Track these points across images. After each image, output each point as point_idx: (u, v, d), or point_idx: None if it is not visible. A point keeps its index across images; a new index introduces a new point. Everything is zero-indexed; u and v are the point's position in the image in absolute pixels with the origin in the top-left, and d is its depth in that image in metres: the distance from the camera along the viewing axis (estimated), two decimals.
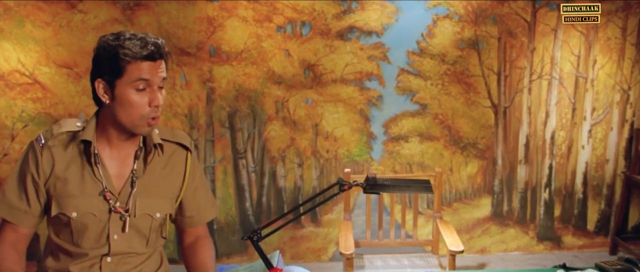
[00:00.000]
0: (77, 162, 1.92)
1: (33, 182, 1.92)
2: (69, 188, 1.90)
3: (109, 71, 1.80)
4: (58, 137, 1.92)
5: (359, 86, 4.45)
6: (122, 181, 1.97)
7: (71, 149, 1.92)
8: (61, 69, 4.22)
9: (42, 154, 1.90)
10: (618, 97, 4.62)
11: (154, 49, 1.81)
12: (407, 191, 2.18)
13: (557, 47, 4.48)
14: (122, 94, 1.81)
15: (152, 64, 1.81)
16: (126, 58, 1.77)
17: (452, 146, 4.61)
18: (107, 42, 1.81)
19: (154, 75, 1.82)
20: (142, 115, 1.84)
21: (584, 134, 4.67)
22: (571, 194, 4.80)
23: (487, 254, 4.81)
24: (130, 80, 1.79)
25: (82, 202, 1.91)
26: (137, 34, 1.83)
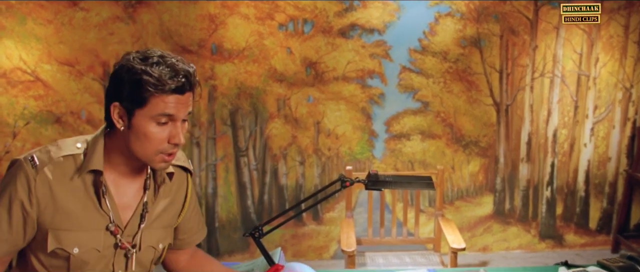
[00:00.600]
0: (81, 193, 1.67)
1: (22, 210, 1.63)
2: (70, 222, 1.67)
3: (129, 98, 1.57)
4: (57, 162, 1.65)
5: (360, 84, 4.44)
6: (129, 212, 1.76)
7: (73, 177, 1.66)
8: (63, 66, 4.22)
9: (36, 180, 1.62)
10: (620, 95, 4.61)
11: (185, 81, 1.57)
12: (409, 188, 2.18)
13: (560, 45, 4.48)
14: (140, 125, 1.59)
15: (179, 97, 1.58)
16: (151, 89, 1.54)
17: (454, 144, 4.60)
18: (132, 64, 1.57)
19: (180, 110, 1.59)
20: (158, 150, 1.62)
21: (586, 132, 4.66)
22: (573, 192, 4.79)
23: (489, 252, 4.80)
24: (152, 114, 1.57)
25: (86, 237, 1.69)
26: (167, 58, 1.59)
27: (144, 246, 1.81)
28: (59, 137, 4.29)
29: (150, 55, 1.58)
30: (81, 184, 1.67)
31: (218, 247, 4.61)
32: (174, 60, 1.59)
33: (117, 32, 4.20)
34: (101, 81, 4.27)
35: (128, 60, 1.58)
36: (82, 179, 1.67)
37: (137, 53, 1.60)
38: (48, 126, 4.29)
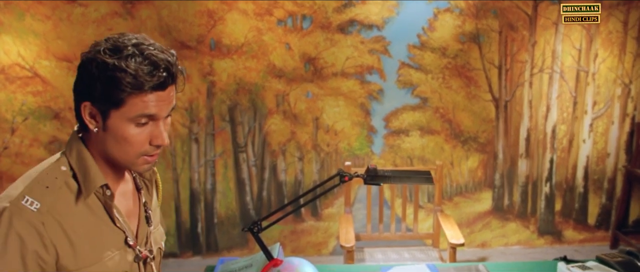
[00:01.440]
0: (91, 217, 1.45)
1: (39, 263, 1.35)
2: (94, 254, 1.44)
3: (102, 99, 1.35)
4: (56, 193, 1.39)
5: (359, 80, 4.44)
6: (135, 220, 1.60)
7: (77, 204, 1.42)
8: (61, 62, 4.22)
9: (44, 222, 1.35)
10: (619, 91, 4.61)
11: (166, 74, 1.36)
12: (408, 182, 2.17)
13: (559, 40, 4.47)
14: (117, 127, 1.38)
15: (160, 94, 1.37)
16: (127, 89, 1.32)
17: (453, 140, 4.60)
18: (102, 58, 1.33)
19: (161, 108, 1.39)
20: (139, 153, 1.42)
21: (585, 128, 4.66)
22: (572, 188, 4.79)
23: (487, 248, 4.80)
24: (130, 115, 1.36)
25: (112, 263, 1.48)
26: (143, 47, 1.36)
27: (156, 248, 1.67)
28: (58, 133, 4.29)
29: (123, 46, 1.35)
30: (86, 208, 1.44)
31: (217, 243, 4.61)
32: (151, 50, 1.36)
33: (115, 28, 4.19)
34: None
35: (97, 52, 1.34)
36: (86, 203, 1.44)
37: (107, 42, 1.37)
38: (46, 122, 4.29)
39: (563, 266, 2.50)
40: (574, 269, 2.46)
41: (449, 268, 2.58)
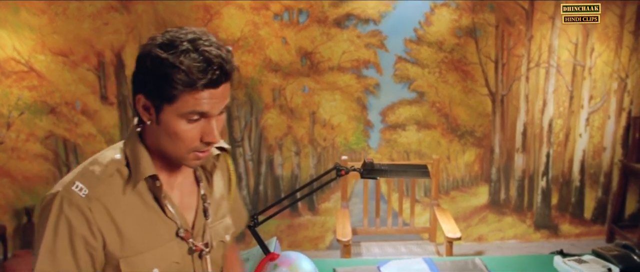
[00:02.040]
0: (142, 206, 1.45)
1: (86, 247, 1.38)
2: (141, 243, 1.44)
3: (155, 93, 1.34)
4: (105, 182, 1.40)
5: (356, 74, 4.43)
6: (192, 212, 1.57)
7: (126, 193, 1.42)
8: (57, 57, 4.20)
9: (91, 209, 1.37)
10: (615, 85, 4.61)
11: (220, 72, 1.32)
12: (405, 176, 2.17)
13: (555, 35, 4.47)
14: (169, 122, 1.36)
15: (213, 92, 1.33)
16: (179, 86, 1.30)
17: (450, 134, 4.60)
18: (157, 53, 1.31)
19: (214, 105, 1.35)
20: (190, 149, 1.40)
21: (582, 122, 4.66)
22: (568, 182, 4.80)
23: (484, 242, 4.81)
24: (182, 111, 1.34)
25: (161, 254, 1.48)
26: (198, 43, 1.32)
27: (216, 242, 1.62)
28: (54, 127, 4.29)
29: (179, 41, 1.32)
30: (137, 197, 1.45)
31: None
32: (206, 46, 1.32)
33: (111, 22, 4.18)
34: (96, 71, 4.25)
35: (152, 47, 1.33)
36: (137, 192, 1.44)
37: (164, 36, 1.35)
38: (42, 117, 4.28)
39: (559, 259, 2.51)
40: (570, 262, 2.46)
41: (445, 262, 2.58)
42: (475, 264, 2.53)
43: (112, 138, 4.37)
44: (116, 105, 4.34)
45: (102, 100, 4.32)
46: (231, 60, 1.36)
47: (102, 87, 4.30)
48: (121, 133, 4.37)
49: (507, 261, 2.62)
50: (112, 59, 4.25)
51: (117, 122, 4.36)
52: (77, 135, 4.35)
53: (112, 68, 4.27)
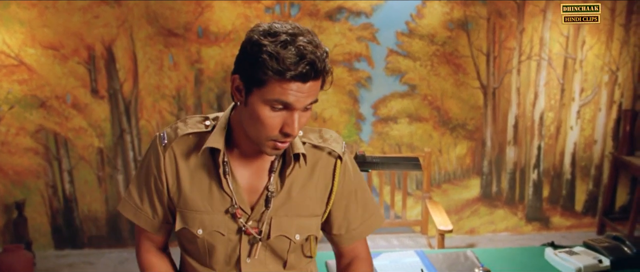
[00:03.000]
0: (204, 172, 1.63)
1: (156, 186, 1.66)
2: (194, 202, 1.63)
3: (248, 76, 1.44)
4: (183, 139, 1.62)
5: (347, 67, 4.43)
6: (256, 195, 1.65)
7: (198, 155, 1.62)
8: (47, 50, 4.18)
9: (165, 156, 1.62)
10: (606, 78, 4.63)
11: (309, 68, 1.39)
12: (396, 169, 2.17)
13: (546, 27, 4.48)
14: (255, 105, 1.46)
15: (301, 85, 1.41)
16: (270, 73, 1.39)
17: (441, 127, 4.60)
18: (258, 39, 1.41)
19: (299, 99, 1.43)
20: (269, 136, 1.49)
21: (573, 115, 4.68)
22: (559, 175, 4.82)
23: (475, 235, 4.82)
24: (268, 97, 1.43)
25: (209, 219, 1.63)
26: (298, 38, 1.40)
27: (275, 235, 1.67)
28: (44, 121, 4.27)
29: (281, 32, 1.41)
30: (204, 162, 1.63)
31: None
32: (304, 42, 1.40)
33: (102, 15, 4.16)
34: (86, 65, 4.23)
35: (256, 32, 1.43)
36: (205, 158, 1.63)
37: (268, 26, 1.44)
38: (33, 111, 4.25)
39: (550, 251, 2.52)
40: (561, 254, 2.47)
41: (437, 255, 2.58)
42: (467, 257, 2.54)
43: (103, 132, 4.35)
44: (107, 99, 4.32)
45: (92, 94, 4.30)
46: (325, 61, 1.44)
47: (92, 80, 4.28)
48: (112, 127, 4.36)
49: (498, 253, 2.63)
50: (103, 52, 4.23)
51: (108, 116, 4.34)
52: (68, 129, 4.33)
53: (103, 61, 4.25)
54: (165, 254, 1.81)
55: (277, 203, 1.66)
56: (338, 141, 1.74)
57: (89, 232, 4.56)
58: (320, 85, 1.49)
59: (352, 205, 1.78)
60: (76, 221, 4.52)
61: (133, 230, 4.53)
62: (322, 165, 1.71)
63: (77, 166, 4.41)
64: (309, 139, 1.69)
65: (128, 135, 4.40)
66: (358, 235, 1.82)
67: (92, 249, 4.59)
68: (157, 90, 4.33)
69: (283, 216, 1.67)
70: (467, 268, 2.43)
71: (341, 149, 1.73)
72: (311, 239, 1.75)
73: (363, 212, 1.81)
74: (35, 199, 4.43)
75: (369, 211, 1.83)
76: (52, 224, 4.50)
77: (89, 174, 4.44)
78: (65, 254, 4.52)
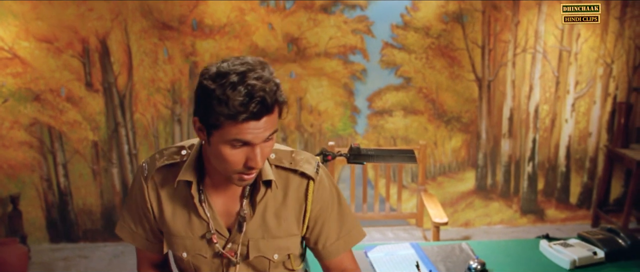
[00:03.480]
0: (182, 200, 1.71)
1: (144, 213, 1.76)
2: (176, 228, 1.72)
3: (205, 119, 1.48)
4: (160, 170, 1.71)
5: (343, 60, 4.42)
6: (232, 219, 1.72)
7: (175, 186, 1.69)
8: (41, 43, 4.16)
9: (147, 186, 1.71)
10: (601, 70, 4.63)
11: (260, 106, 1.42)
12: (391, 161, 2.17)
13: (541, 20, 4.48)
14: (216, 146, 1.50)
15: (256, 123, 1.44)
16: (221, 118, 1.42)
17: (436, 120, 4.61)
18: (206, 85, 1.44)
19: (257, 136, 1.47)
20: (234, 170, 1.54)
21: (567, 108, 4.68)
22: (554, 168, 4.83)
23: (470, 227, 4.83)
24: (226, 138, 1.47)
25: (191, 244, 1.73)
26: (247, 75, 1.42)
27: (254, 256, 1.75)
28: (39, 115, 4.26)
29: (230, 72, 1.43)
30: (182, 191, 1.70)
31: None
32: (253, 80, 1.42)
33: (96, 8, 4.14)
34: (80, 58, 4.21)
35: (205, 76, 1.46)
36: (182, 187, 1.70)
37: (217, 67, 1.46)
38: (27, 104, 4.24)
39: (545, 243, 2.53)
40: (556, 246, 2.48)
41: (432, 247, 2.59)
42: (462, 249, 2.54)
43: (98, 125, 4.34)
44: (101, 92, 4.30)
45: (87, 87, 4.28)
46: (275, 94, 1.46)
47: (87, 73, 4.26)
48: (107, 120, 4.35)
49: (493, 246, 2.64)
50: (97, 45, 4.21)
51: (102, 109, 4.33)
52: (62, 122, 4.31)
53: (97, 55, 4.23)
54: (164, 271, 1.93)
55: (252, 227, 1.72)
56: (310, 161, 1.77)
57: (84, 225, 4.55)
58: (279, 115, 1.53)
59: (328, 222, 1.81)
60: (71, 215, 4.51)
61: None
62: (295, 187, 1.74)
63: (71, 160, 4.40)
64: (281, 162, 1.73)
65: (123, 128, 4.39)
66: (336, 250, 1.84)
67: (87, 242, 4.58)
68: (152, 84, 4.32)
69: (260, 238, 1.73)
70: (462, 260, 2.44)
71: (313, 170, 1.75)
72: (292, 257, 1.82)
73: (340, 227, 1.83)
74: (29, 193, 4.42)
75: (347, 227, 1.85)
76: (47, 217, 4.49)
77: (84, 167, 4.43)
78: (60, 248, 4.51)
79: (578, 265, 2.38)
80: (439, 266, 2.39)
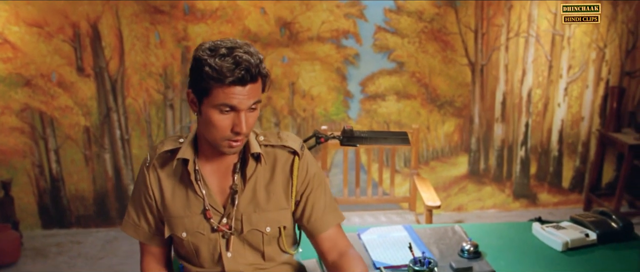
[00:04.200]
0: (181, 181, 1.86)
1: (146, 202, 1.89)
2: (176, 208, 1.86)
3: (196, 87, 1.68)
4: (161, 156, 1.87)
5: (335, 44, 4.40)
6: (225, 195, 1.87)
7: (174, 168, 1.85)
8: (31, 28, 4.13)
9: (149, 174, 1.87)
10: (594, 55, 4.63)
11: (245, 73, 1.61)
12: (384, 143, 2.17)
13: (534, 4, 4.47)
14: (206, 112, 1.68)
15: (240, 89, 1.64)
16: (211, 81, 1.62)
17: (429, 104, 4.60)
18: (200, 54, 1.65)
19: (242, 101, 1.65)
20: (223, 137, 1.71)
21: (560, 92, 4.68)
22: (547, 152, 4.84)
23: (463, 212, 4.84)
24: (214, 103, 1.65)
25: (190, 222, 1.86)
26: (235, 49, 1.63)
27: (247, 229, 1.87)
28: (30, 100, 4.24)
29: (220, 46, 1.64)
30: (180, 173, 1.85)
31: None
32: (240, 52, 1.63)
33: None
34: (71, 43, 4.19)
35: (200, 50, 1.66)
36: (180, 169, 1.85)
37: (210, 43, 1.67)
38: (18, 89, 4.21)
39: (538, 226, 2.53)
40: (549, 228, 2.49)
41: (425, 230, 2.59)
42: (455, 231, 2.54)
43: (90, 110, 4.32)
44: (93, 77, 4.28)
45: (78, 72, 4.26)
46: (258, 66, 1.66)
47: (78, 58, 4.23)
48: (98, 105, 4.32)
49: (486, 228, 2.64)
50: (88, 30, 4.18)
51: (94, 94, 4.30)
52: (54, 107, 4.29)
53: (88, 39, 4.20)
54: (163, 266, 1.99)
55: (244, 201, 1.86)
56: (295, 140, 1.93)
57: (76, 211, 4.54)
58: (263, 87, 1.72)
59: (313, 196, 1.92)
60: (63, 201, 4.50)
61: (121, 209, 4.52)
62: (281, 162, 1.89)
63: (63, 145, 4.38)
64: (268, 140, 1.90)
65: (115, 113, 4.37)
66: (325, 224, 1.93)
67: (80, 228, 4.57)
68: (144, 68, 4.30)
69: (252, 212, 1.86)
70: (455, 242, 2.44)
71: (298, 146, 1.91)
72: (284, 234, 1.92)
73: (326, 203, 1.95)
74: (21, 179, 4.40)
75: (332, 204, 1.97)
76: (39, 203, 4.48)
77: (76, 153, 4.41)
78: (53, 234, 4.50)
79: (570, 247, 2.38)
80: (432, 248, 2.39)
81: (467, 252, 2.32)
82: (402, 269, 2.20)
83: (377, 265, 2.23)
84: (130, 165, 4.49)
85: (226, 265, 1.89)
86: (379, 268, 2.18)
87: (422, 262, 2.03)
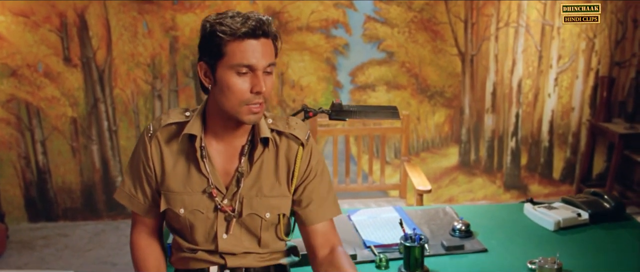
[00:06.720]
0: (184, 156, 1.83)
1: (145, 172, 1.86)
2: (176, 184, 1.83)
3: (209, 52, 1.67)
4: (165, 128, 1.83)
5: (325, 34, 4.38)
6: (229, 177, 1.84)
7: (178, 142, 1.82)
8: (17, 17, 4.08)
9: (151, 144, 1.83)
10: (584, 45, 4.63)
11: (255, 24, 1.63)
12: (374, 117, 2.14)
13: None
14: (223, 77, 1.66)
15: (254, 43, 1.64)
16: (224, 36, 1.62)
17: (419, 95, 4.58)
18: (208, 20, 1.69)
19: (257, 58, 1.65)
20: (242, 101, 1.67)
21: (550, 82, 4.67)
22: (537, 143, 4.83)
23: (454, 203, 4.82)
24: (230, 63, 1.65)
25: (189, 199, 1.83)
26: (243, 13, 1.67)
27: (247, 213, 1.85)
28: (15, 91, 4.19)
29: (227, 12, 1.69)
30: (184, 148, 1.82)
31: None
32: (248, 13, 1.66)
33: None
34: (58, 32, 4.14)
35: (208, 18, 1.70)
36: (185, 144, 1.82)
37: (215, 14, 1.71)
38: (3, 80, 4.16)
39: (529, 206, 2.52)
40: (540, 209, 2.48)
41: (416, 211, 2.57)
42: (446, 212, 2.53)
43: (77, 101, 4.27)
44: (80, 68, 4.23)
45: (65, 62, 4.21)
46: (269, 23, 1.68)
47: (65, 48, 4.19)
48: (85, 96, 4.28)
49: (477, 210, 2.64)
50: (75, 19, 4.14)
51: (81, 85, 4.26)
52: (40, 98, 4.24)
53: (75, 29, 4.16)
54: (154, 238, 1.96)
55: (247, 184, 1.83)
56: (303, 128, 1.89)
57: (63, 204, 4.48)
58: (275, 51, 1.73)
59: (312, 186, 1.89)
60: (50, 193, 4.45)
61: (108, 202, 4.47)
62: (287, 150, 1.86)
63: (50, 137, 4.33)
64: (277, 126, 1.85)
65: (102, 104, 4.33)
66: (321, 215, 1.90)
67: (67, 221, 4.52)
68: (132, 58, 4.25)
69: (254, 196, 1.84)
70: (446, 222, 2.43)
71: (304, 136, 1.87)
72: (281, 219, 1.89)
73: (326, 195, 1.91)
74: (7, 171, 4.34)
75: (331, 198, 1.93)
76: (25, 196, 4.42)
77: (63, 144, 4.36)
78: (40, 227, 4.45)
79: (562, 226, 2.37)
80: (423, 227, 2.37)
81: (459, 231, 2.30)
82: (393, 248, 2.18)
83: (367, 244, 2.21)
84: (118, 156, 4.44)
85: (220, 245, 1.86)
86: (370, 247, 2.16)
87: (413, 239, 2.00)
